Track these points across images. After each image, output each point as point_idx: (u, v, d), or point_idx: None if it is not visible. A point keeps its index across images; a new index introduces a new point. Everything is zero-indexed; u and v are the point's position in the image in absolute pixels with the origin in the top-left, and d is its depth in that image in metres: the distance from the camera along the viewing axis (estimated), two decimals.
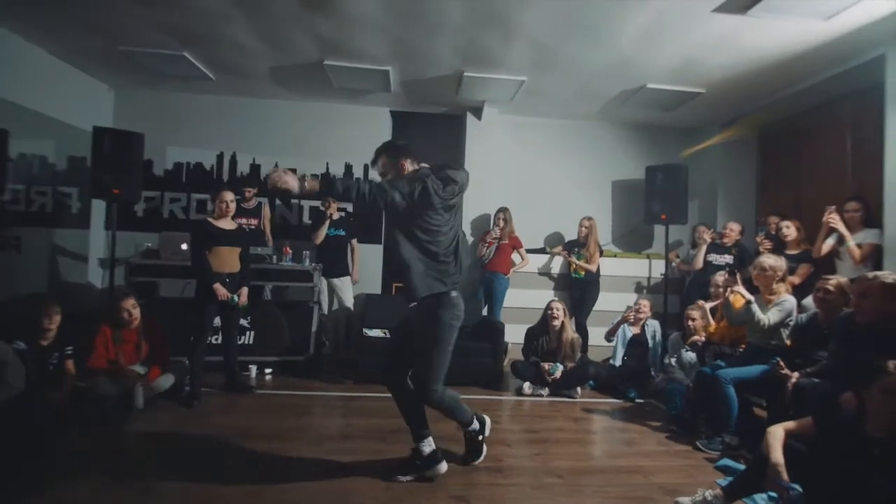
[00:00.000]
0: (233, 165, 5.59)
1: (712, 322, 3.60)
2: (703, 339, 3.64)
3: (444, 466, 2.37)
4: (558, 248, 5.37)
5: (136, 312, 3.38)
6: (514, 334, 4.58)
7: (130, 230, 5.21)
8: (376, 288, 5.51)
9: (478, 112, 5.51)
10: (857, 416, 1.88)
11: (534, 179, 5.78)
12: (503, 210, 5.00)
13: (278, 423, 3.07)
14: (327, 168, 5.67)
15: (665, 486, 2.40)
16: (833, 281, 2.78)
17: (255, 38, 4.00)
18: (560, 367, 3.86)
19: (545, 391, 3.88)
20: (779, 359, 2.73)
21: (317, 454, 2.60)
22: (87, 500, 2.09)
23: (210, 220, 3.50)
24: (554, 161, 5.84)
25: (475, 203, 5.49)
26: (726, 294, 3.28)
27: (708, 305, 3.68)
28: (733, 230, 4.57)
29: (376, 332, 4.32)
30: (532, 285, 5.33)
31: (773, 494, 2.00)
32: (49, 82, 4.64)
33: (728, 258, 4.47)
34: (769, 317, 2.99)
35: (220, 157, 5.58)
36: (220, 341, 3.75)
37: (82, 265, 5.28)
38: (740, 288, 3.14)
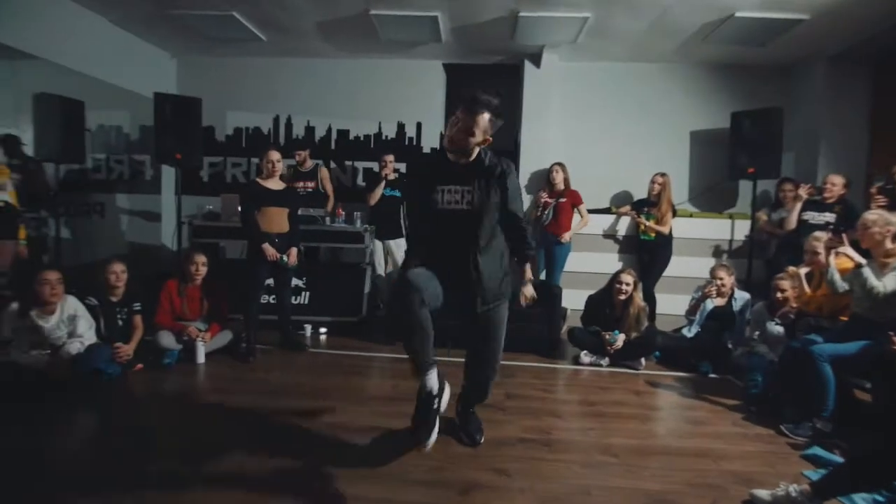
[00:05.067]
0: (288, 128, 5.61)
1: (807, 289, 3.09)
2: (796, 309, 3.16)
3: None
4: (625, 208, 4.91)
5: (203, 270, 3.53)
6: (574, 300, 4.29)
7: (197, 195, 5.44)
8: None
9: (536, 59, 5.06)
10: None
11: (599, 133, 5.28)
12: (558, 164, 4.62)
13: (327, 381, 3.09)
14: (379, 128, 5.52)
15: (740, 473, 2.10)
16: None
17: None
18: (621, 336, 3.54)
19: (605, 361, 3.60)
20: (892, 333, 2.27)
21: (360, 414, 2.57)
22: (133, 451, 2.19)
23: (258, 180, 3.50)
24: (622, 111, 5.28)
25: (534, 159, 5.13)
26: (829, 256, 2.79)
27: (803, 271, 3.14)
28: (836, 184, 3.88)
29: None
30: (595, 248, 4.94)
31: (879, 497, 1.65)
32: (116, 53, 4.82)
33: (829, 216, 3.83)
34: (885, 283, 2.49)
35: (276, 121, 5.62)
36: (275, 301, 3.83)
37: (156, 228, 5.63)
38: (848, 248, 2.64)
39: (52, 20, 4.10)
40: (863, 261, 2.60)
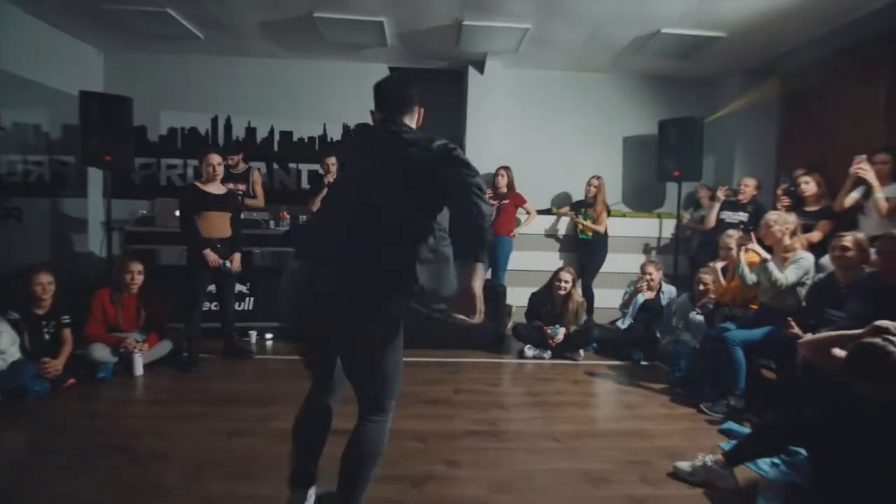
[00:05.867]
0: (227, 129, 5.43)
1: (723, 282, 3.43)
2: (714, 300, 3.49)
3: None
4: (565, 209, 5.18)
5: (140, 279, 3.38)
6: (518, 297, 4.47)
7: (128, 198, 5.16)
8: None
9: (480, 66, 5.22)
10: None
11: (540, 137, 5.52)
12: (504, 168, 4.81)
13: (274, 387, 3.05)
14: (324, 129, 5.48)
15: (665, 449, 2.32)
16: (849, 237, 2.57)
17: None
18: (561, 330, 3.76)
19: (547, 354, 3.80)
20: (790, 318, 2.59)
21: None
22: (72, 469, 2.09)
23: (198, 184, 3.40)
24: (561, 117, 5.56)
25: (477, 162, 5.25)
26: (740, 253, 3.11)
27: (719, 265, 3.49)
28: (749, 185, 4.31)
29: None
30: (537, 247, 5.18)
31: (777, 461, 1.90)
32: (38, 48, 4.49)
33: (743, 216, 4.24)
34: (786, 275, 2.82)
35: (214, 122, 5.43)
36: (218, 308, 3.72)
37: (83, 234, 5.27)
38: (755, 245, 2.96)
39: None
40: (768, 256, 2.93)
